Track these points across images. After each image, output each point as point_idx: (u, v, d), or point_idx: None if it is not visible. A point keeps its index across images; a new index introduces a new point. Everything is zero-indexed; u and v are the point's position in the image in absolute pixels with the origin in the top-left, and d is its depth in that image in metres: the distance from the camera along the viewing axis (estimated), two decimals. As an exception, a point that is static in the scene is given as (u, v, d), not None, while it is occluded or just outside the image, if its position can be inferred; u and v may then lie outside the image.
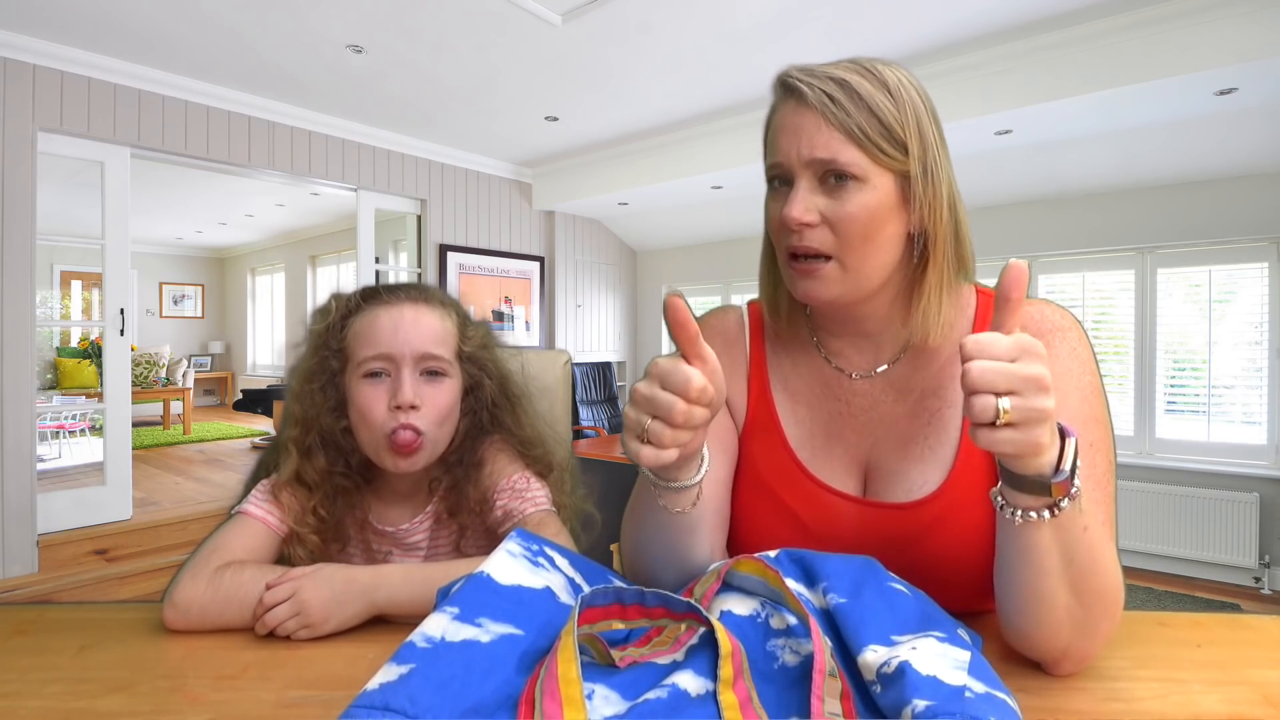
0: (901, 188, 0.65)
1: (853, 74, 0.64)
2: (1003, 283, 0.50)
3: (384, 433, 0.83)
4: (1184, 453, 3.72)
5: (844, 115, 0.62)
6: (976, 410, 0.46)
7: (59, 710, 0.52)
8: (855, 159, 0.63)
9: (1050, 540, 0.52)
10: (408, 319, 0.86)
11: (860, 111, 0.63)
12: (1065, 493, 0.50)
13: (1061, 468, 0.49)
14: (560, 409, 1.19)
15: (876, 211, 0.64)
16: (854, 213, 0.63)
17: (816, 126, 0.63)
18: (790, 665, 0.49)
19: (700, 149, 4.36)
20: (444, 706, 0.40)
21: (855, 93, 0.63)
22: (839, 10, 2.86)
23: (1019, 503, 0.51)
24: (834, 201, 0.64)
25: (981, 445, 0.47)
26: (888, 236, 0.65)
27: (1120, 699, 0.52)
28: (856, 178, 0.63)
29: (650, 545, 0.66)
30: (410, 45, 3.20)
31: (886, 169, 0.64)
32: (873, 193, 0.64)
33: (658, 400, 0.51)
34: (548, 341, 5.56)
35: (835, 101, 0.63)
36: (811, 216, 0.64)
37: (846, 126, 0.62)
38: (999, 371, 0.46)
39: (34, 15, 2.92)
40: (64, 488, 3.60)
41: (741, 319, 0.82)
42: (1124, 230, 3.86)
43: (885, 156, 0.63)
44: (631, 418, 0.52)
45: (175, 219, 7.66)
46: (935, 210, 0.65)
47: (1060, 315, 0.69)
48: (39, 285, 3.22)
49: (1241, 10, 2.61)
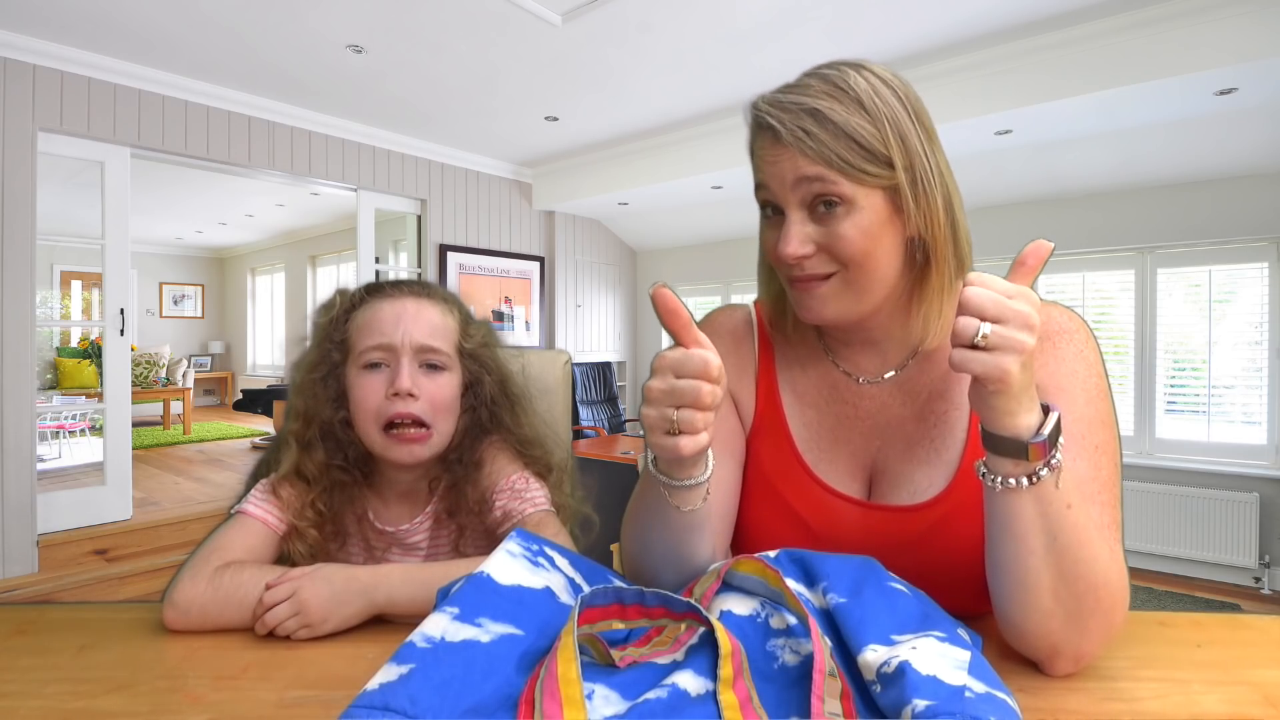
0: (892, 200, 0.64)
1: (824, 99, 0.63)
2: (1025, 251, 0.53)
3: (381, 420, 0.83)
4: (1184, 453, 3.72)
5: (821, 147, 0.62)
6: (959, 327, 0.49)
7: (59, 710, 0.51)
8: (840, 185, 0.62)
9: (1032, 513, 0.53)
10: (409, 311, 0.87)
11: (837, 140, 0.62)
12: (1041, 457, 0.51)
13: (1041, 432, 0.51)
14: (560, 409, 1.19)
15: (869, 230, 0.64)
16: (848, 236, 0.63)
17: (795, 161, 0.63)
18: (790, 665, 0.49)
19: (700, 149, 4.36)
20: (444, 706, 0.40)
21: (829, 120, 0.62)
22: (839, 10, 2.86)
23: (999, 469, 0.53)
24: (826, 228, 0.64)
25: (955, 363, 0.50)
26: (886, 249, 0.65)
27: (1120, 699, 0.52)
28: (845, 202, 0.63)
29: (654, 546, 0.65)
30: (410, 45, 3.20)
31: (874, 187, 0.63)
32: (863, 213, 0.63)
33: (680, 389, 0.51)
34: (548, 341, 5.56)
35: (810, 135, 0.62)
36: (807, 249, 0.64)
37: (825, 157, 0.62)
38: (991, 299, 0.49)
39: (34, 15, 2.92)
40: (64, 488, 3.60)
41: (749, 318, 0.82)
42: (1124, 230, 3.86)
43: (870, 177, 0.63)
44: (654, 416, 0.52)
45: (175, 219, 7.66)
46: (930, 214, 0.65)
47: (1069, 318, 0.69)
48: (39, 285, 3.22)
49: (1241, 10, 2.61)
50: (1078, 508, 0.54)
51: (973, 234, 0.71)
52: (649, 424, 0.53)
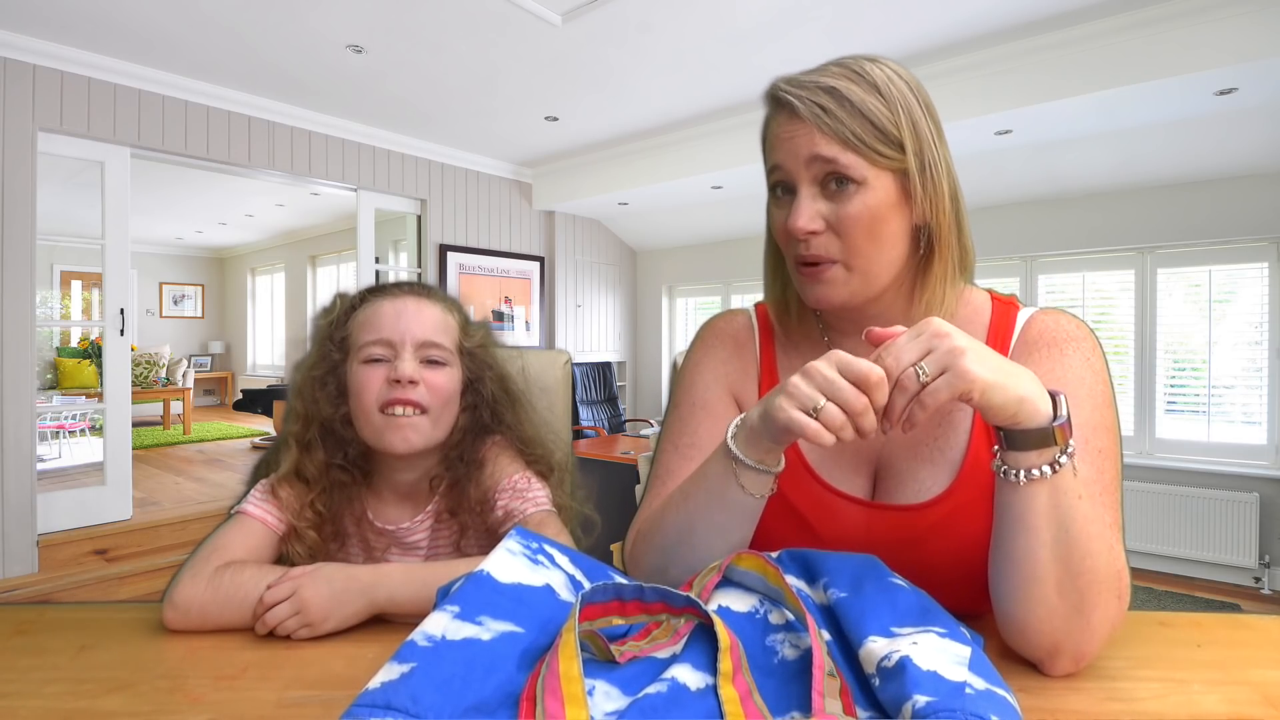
0: (901, 184, 0.66)
1: (841, 79, 0.65)
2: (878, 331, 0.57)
3: (380, 402, 0.83)
4: (1184, 453, 3.72)
5: (837, 124, 0.64)
6: (905, 383, 0.52)
7: (59, 710, 0.51)
8: (853, 163, 0.64)
9: (1047, 504, 0.53)
10: (410, 309, 0.87)
11: (853, 118, 0.64)
12: (1067, 438, 0.53)
13: (1059, 414, 0.53)
14: (560, 409, 1.19)
15: (878, 211, 0.65)
16: (857, 214, 0.65)
17: (812, 136, 0.65)
18: (790, 659, 0.49)
19: (700, 149, 4.36)
20: (446, 705, 0.40)
21: (846, 99, 0.64)
22: (839, 10, 2.86)
23: (1022, 462, 0.53)
24: (836, 206, 0.65)
25: (927, 406, 0.52)
26: (892, 233, 0.66)
27: (1120, 699, 0.52)
28: (856, 180, 0.65)
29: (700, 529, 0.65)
30: (410, 45, 3.20)
31: (885, 169, 0.65)
32: (873, 193, 0.65)
33: (839, 386, 0.52)
34: (548, 341, 5.56)
35: (827, 111, 0.64)
36: (817, 224, 0.66)
37: (841, 134, 0.64)
38: (903, 347, 0.53)
39: (34, 15, 2.92)
40: (64, 488, 3.59)
41: (750, 321, 0.83)
42: (1124, 230, 3.86)
43: (882, 157, 0.64)
44: (803, 390, 0.54)
45: (175, 219, 7.66)
46: (937, 202, 0.67)
47: (1075, 326, 0.69)
48: (39, 285, 3.22)
49: (1241, 10, 2.61)
50: (1087, 500, 0.55)
51: (973, 234, 0.71)
52: (794, 393, 0.54)
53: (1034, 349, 0.68)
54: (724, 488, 0.62)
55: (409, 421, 0.84)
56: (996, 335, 0.71)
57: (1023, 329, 0.71)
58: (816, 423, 0.53)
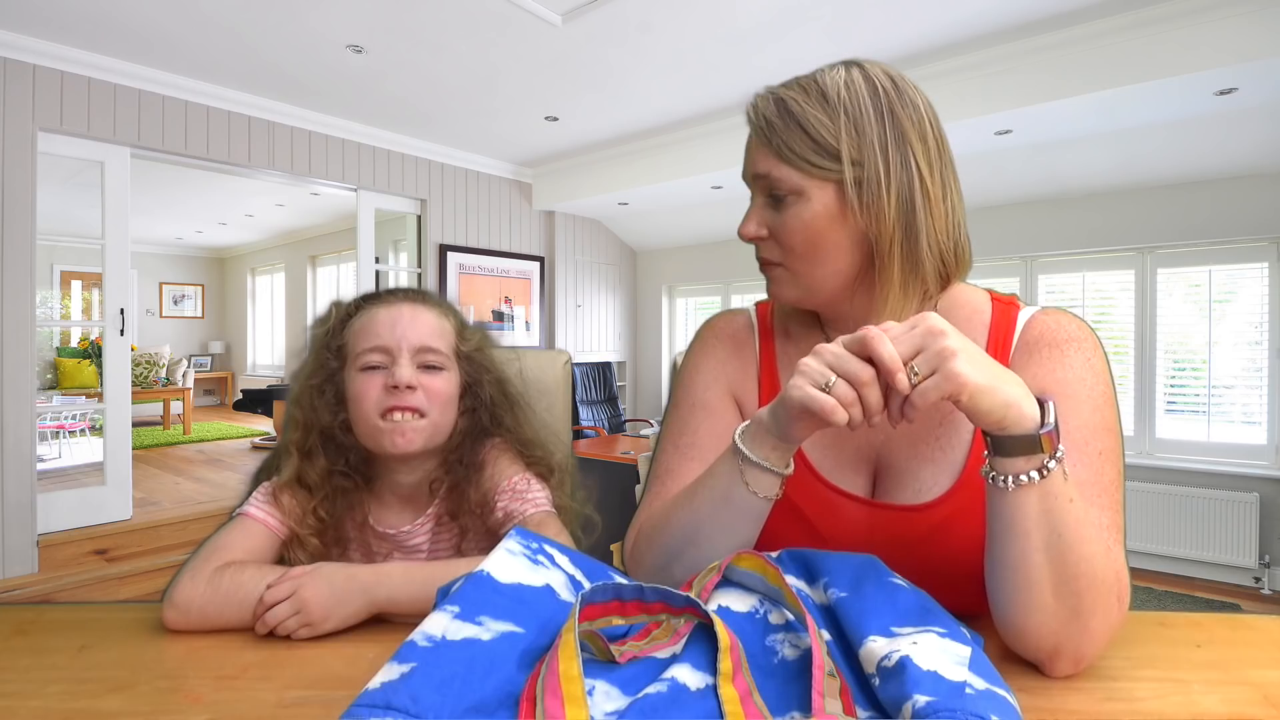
0: (844, 196, 0.65)
1: (796, 89, 0.67)
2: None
3: (379, 409, 0.83)
4: (1184, 453, 3.72)
5: (775, 137, 0.66)
6: (898, 382, 0.52)
7: (59, 710, 0.51)
8: (786, 175, 0.66)
9: (1038, 509, 0.53)
10: (405, 315, 0.88)
11: (789, 130, 0.65)
12: (1053, 447, 0.52)
13: (1046, 422, 0.52)
14: (560, 409, 1.19)
15: (813, 223, 0.66)
16: (792, 226, 0.67)
17: (757, 148, 0.68)
18: (790, 659, 0.49)
19: (700, 149, 4.36)
20: (446, 705, 0.40)
21: (788, 111, 0.66)
22: (839, 10, 2.86)
23: (1009, 468, 0.53)
24: (778, 215, 0.68)
25: (918, 403, 0.52)
26: (834, 244, 0.67)
27: (1120, 699, 0.52)
28: (794, 193, 0.66)
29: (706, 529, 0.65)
30: (410, 45, 3.20)
31: (824, 180, 0.65)
32: (808, 205, 0.66)
33: (847, 359, 0.53)
34: (548, 341, 5.56)
35: (770, 125, 0.66)
36: (761, 232, 0.70)
37: (777, 148, 0.66)
38: (899, 341, 0.52)
39: (34, 15, 2.92)
40: (64, 488, 3.59)
41: (750, 321, 0.83)
42: (1124, 230, 3.86)
43: (817, 169, 0.65)
44: (815, 368, 0.54)
45: (175, 219, 7.66)
46: (877, 213, 0.65)
47: (1077, 326, 0.69)
48: (39, 285, 3.22)
49: (1241, 10, 2.61)
50: (1079, 503, 0.54)
51: (972, 234, 0.71)
52: (805, 371, 0.55)
53: (1035, 349, 0.68)
54: (730, 488, 0.62)
55: (408, 425, 0.84)
56: (997, 335, 0.71)
57: (1024, 329, 0.70)
58: (831, 398, 0.53)
